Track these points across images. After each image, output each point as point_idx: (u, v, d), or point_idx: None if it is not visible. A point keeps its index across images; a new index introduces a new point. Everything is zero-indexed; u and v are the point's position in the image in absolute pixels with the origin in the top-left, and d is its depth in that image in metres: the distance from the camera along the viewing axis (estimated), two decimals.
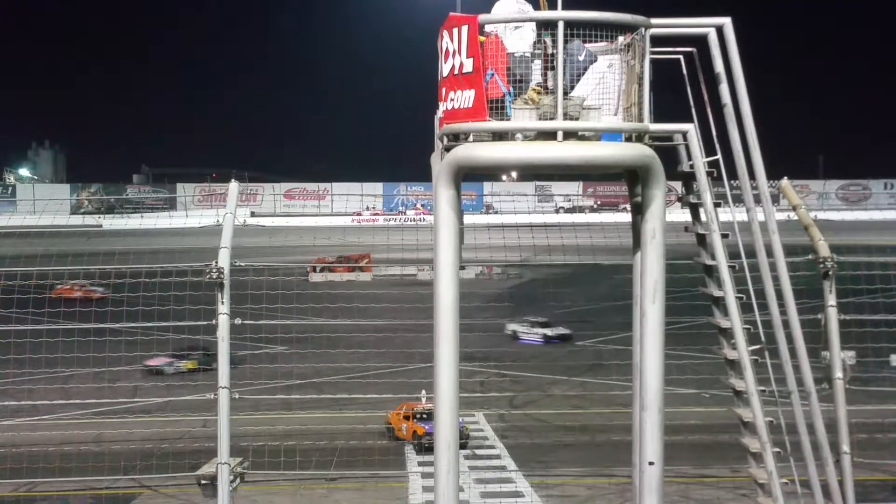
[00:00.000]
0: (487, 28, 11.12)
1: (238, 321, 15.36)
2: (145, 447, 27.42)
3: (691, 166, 12.50)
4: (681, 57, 12.51)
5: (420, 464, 29.02)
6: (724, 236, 12.55)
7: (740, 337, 12.52)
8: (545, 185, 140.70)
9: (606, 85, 11.28)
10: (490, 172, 12.75)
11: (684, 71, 12.55)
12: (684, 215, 13.12)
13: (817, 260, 14.84)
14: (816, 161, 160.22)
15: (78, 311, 21.25)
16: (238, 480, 14.92)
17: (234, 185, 16.19)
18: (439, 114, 12.01)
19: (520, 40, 11.18)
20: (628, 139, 11.44)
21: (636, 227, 12.21)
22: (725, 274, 12.44)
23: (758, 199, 12.71)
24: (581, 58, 11.07)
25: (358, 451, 26.47)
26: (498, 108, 11.07)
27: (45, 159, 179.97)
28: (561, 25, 10.87)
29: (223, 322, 14.68)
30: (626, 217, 13.35)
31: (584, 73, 11.16)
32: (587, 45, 11.11)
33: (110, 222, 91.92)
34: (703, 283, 13.08)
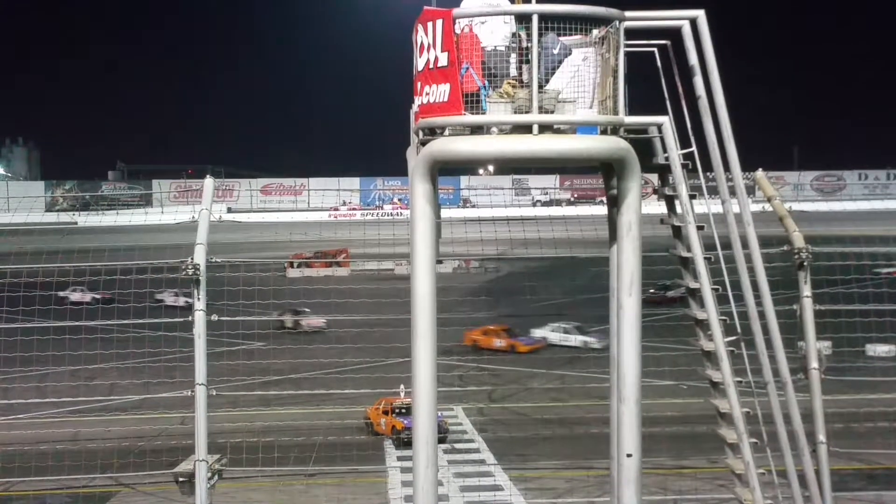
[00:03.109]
0: (461, 22, 11.11)
1: (214, 317, 15.31)
2: (122, 445, 27.30)
3: (666, 158, 12.54)
4: (655, 49, 12.53)
5: (399, 458, 29.02)
6: (700, 228, 12.59)
7: (716, 328, 12.58)
8: (522, 179, 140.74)
9: (581, 78, 11.28)
10: (466, 166, 12.72)
11: (659, 63, 12.57)
12: (660, 207, 13.15)
13: (792, 251, 14.90)
14: (791, 152, 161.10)
15: (52, 308, 21.11)
16: (216, 477, 14.88)
17: (209, 181, 16.10)
18: (415, 108, 11.99)
19: (491, 34, 11.17)
20: (603, 132, 11.44)
21: (612, 220, 12.23)
22: (701, 266, 12.48)
23: (733, 191, 12.77)
24: (556, 51, 11.07)
25: (337, 446, 26.44)
26: (473, 102, 11.05)
27: (18, 156, 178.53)
28: (535, 19, 10.86)
29: (199, 318, 14.62)
30: (602, 210, 13.37)
31: (558, 67, 11.16)
32: (562, 38, 11.11)
33: (85, 219, 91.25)
34: (679, 275, 13.12)
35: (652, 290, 51.08)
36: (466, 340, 45.73)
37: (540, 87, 10.95)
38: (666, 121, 12.45)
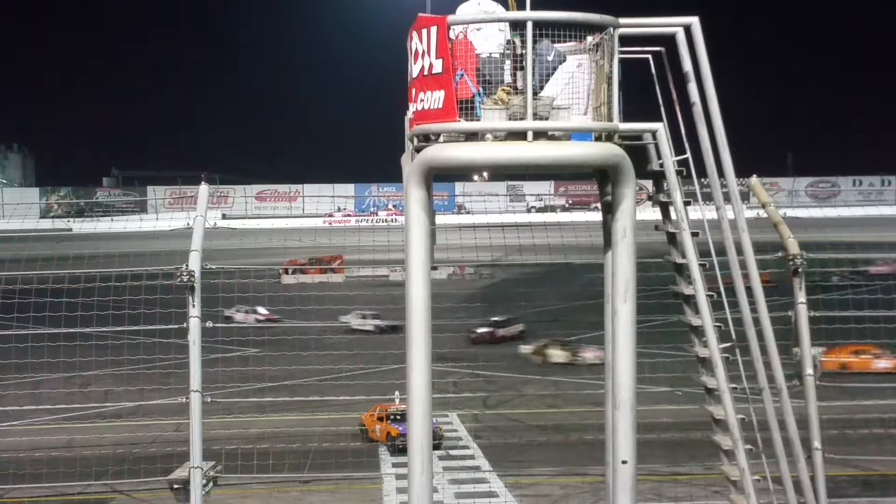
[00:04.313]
0: (456, 29, 11.11)
1: (209, 324, 15.29)
2: (117, 452, 27.19)
3: (661, 165, 12.56)
4: (650, 56, 12.55)
5: (394, 465, 29.02)
6: (695, 234, 12.62)
7: (711, 335, 12.58)
8: (517, 185, 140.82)
9: (576, 84, 11.30)
10: (461, 172, 12.73)
11: (653, 70, 12.58)
12: (655, 214, 13.17)
13: (787, 257, 14.91)
14: (785, 158, 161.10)
15: (47, 315, 21.06)
16: (211, 484, 14.84)
17: (204, 188, 16.10)
18: (409, 114, 12.00)
19: (485, 41, 11.18)
20: (598, 138, 11.46)
21: (607, 227, 12.25)
22: (696, 272, 12.49)
23: (727, 197, 12.78)
24: (550, 58, 11.08)
25: (331, 453, 26.39)
26: (468, 109, 11.06)
27: (13, 163, 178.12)
28: (529, 25, 10.88)
29: (194, 325, 14.60)
30: (597, 216, 13.38)
31: (553, 73, 11.17)
32: (556, 44, 11.12)
33: (80, 226, 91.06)
34: (673, 282, 13.13)
35: (481, 330, 50.03)
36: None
37: (534, 93, 10.96)
38: (660, 127, 12.48)
